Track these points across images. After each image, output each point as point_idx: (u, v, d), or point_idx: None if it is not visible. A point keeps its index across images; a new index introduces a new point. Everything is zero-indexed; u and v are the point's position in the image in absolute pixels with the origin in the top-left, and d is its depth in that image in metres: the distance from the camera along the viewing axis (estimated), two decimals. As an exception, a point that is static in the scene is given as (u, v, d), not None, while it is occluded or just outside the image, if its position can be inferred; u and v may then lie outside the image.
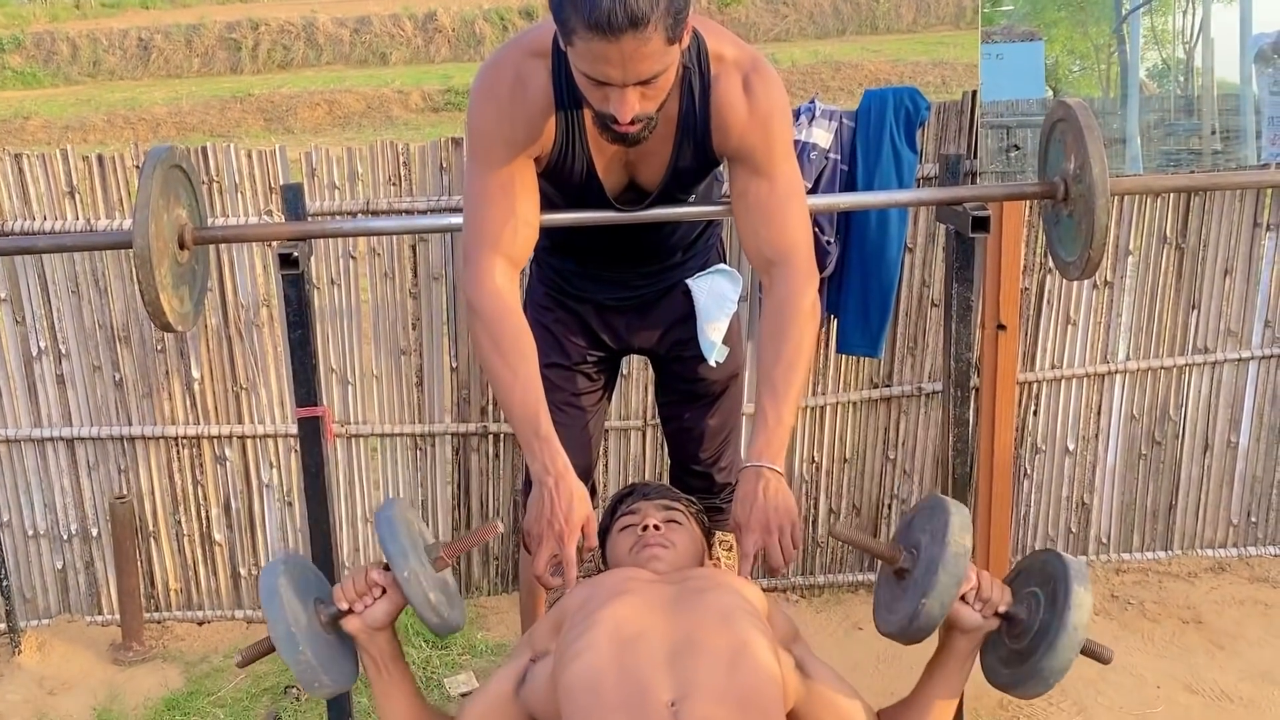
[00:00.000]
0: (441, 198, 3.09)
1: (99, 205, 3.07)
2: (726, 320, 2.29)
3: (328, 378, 3.24)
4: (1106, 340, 3.40)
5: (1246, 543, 3.61)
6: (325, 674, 1.59)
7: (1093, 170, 1.97)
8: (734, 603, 1.64)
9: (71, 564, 3.38)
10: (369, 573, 1.66)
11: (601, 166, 2.02)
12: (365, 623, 1.64)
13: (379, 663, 1.67)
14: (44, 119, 13.87)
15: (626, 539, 1.94)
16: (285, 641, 1.57)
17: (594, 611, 1.62)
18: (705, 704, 1.45)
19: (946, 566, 1.58)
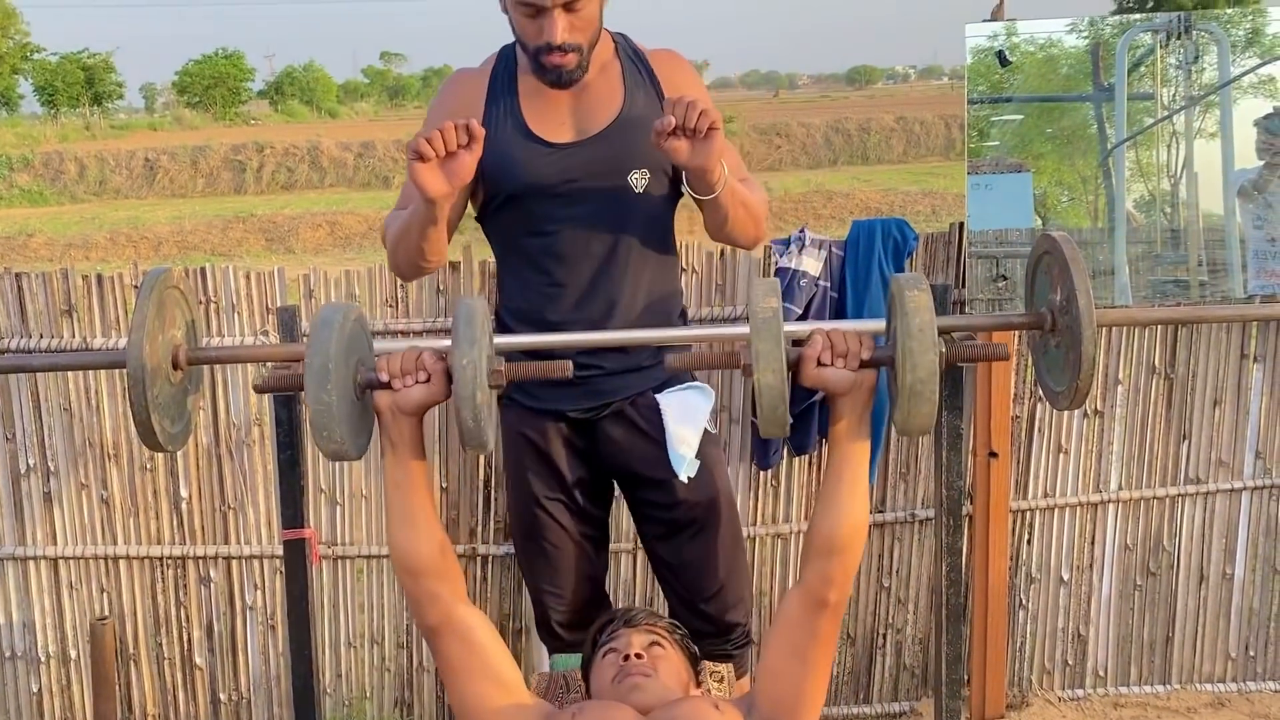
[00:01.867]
0: (437, 319, 3.12)
1: (96, 324, 3.09)
2: (697, 434, 2.25)
3: (316, 498, 3.22)
4: (1099, 469, 3.40)
5: (1246, 677, 3.54)
6: (339, 426, 1.53)
7: (1079, 303, 1.99)
8: None
9: (48, 687, 3.30)
10: (421, 354, 1.61)
11: (535, 124, 2.18)
12: (396, 402, 1.60)
13: (398, 447, 1.63)
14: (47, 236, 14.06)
15: (609, 668, 1.92)
16: (319, 374, 1.51)
17: None
18: None
19: (759, 333, 1.56)
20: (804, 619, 1.73)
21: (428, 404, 1.67)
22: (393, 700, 3.37)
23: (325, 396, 1.55)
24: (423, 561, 1.69)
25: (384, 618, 3.33)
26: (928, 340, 1.58)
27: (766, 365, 1.59)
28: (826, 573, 1.71)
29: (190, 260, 11.95)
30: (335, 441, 1.58)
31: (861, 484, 1.73)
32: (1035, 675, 3.51)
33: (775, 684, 1.74)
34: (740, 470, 3.28)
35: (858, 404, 1.71)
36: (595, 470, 2.37)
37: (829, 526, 1.71)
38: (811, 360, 1.68)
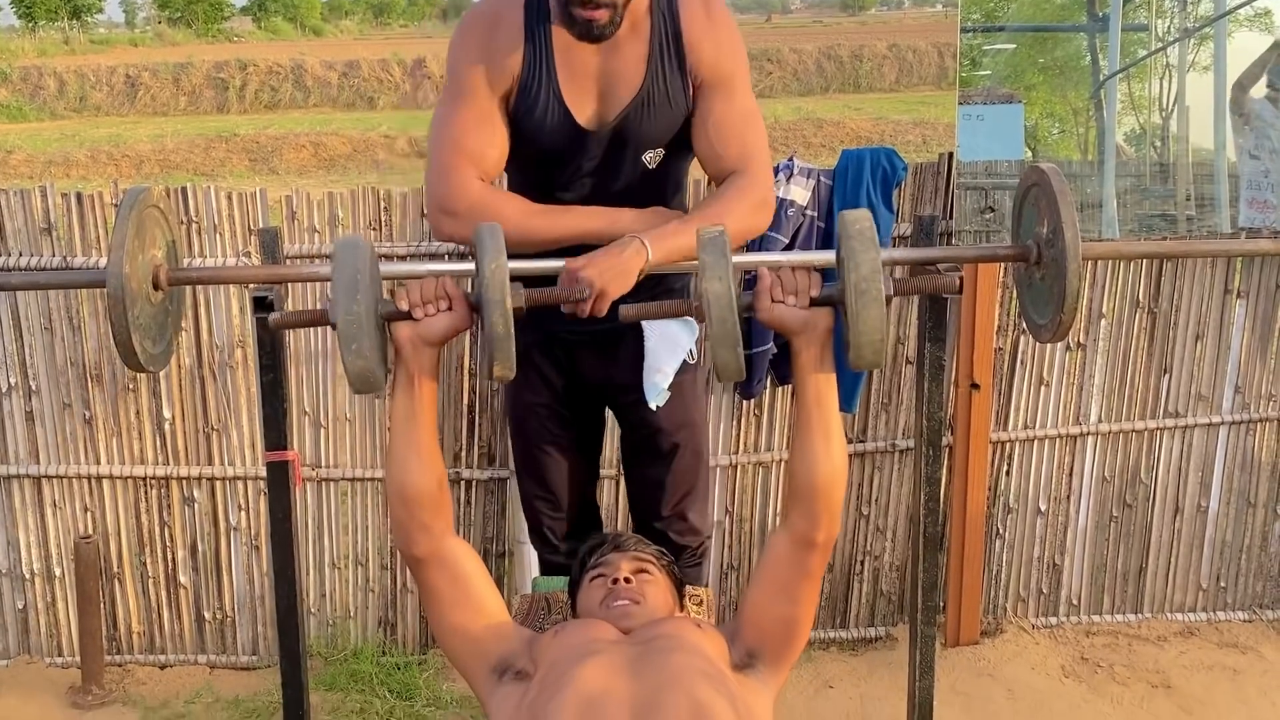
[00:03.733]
0: (421, 244, 3.10)
1: (76, 243, 3.06)
2: (675, 364, 2.31)
3: (300, 421, 3.22)
4: (1079, 402, 3.42)
5: (1216, 607, 3.61)
6: (368, 340, 1.54)
7: (1065, 237, 1.99)
8: (697, 665, 1.64)
9: (33, 604, 3.32)
10: (442, 281, 1.62)
11: (569, 93, 2.10)
12: (419, 332, 1.61)
13: (416, 379, 1.63)
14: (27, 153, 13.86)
15: (597, 591, 1.94)
16: (348, 287, 1.51)
17: (562, 674, 1.63)
18: None
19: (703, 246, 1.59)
20: (792, 558, 1.74)
21: (452, 332, 1.66)
22: (376, 620, 3.41)
23: (355, 308, 1.54)
24: (422, 493, 1.70)
25: (368, 539, 3.35)
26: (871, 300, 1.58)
27: (713, 274, 1.58)
28: (811, 513, 1.72)
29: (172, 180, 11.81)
30: (364, 357, 1.56)
31: (833, 423, 1.73)
32: (1010, 603, 3.56)
33: (762, 618, 1.76)
34: (724, 399, 3.29)
35: (814, 343, 1.71)
36: (580, 384, 2.41)
37: (805, 470, 1.72)
38: (764, 295, 1.68)
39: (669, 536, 2.46)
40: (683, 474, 2.45)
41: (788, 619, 1.75)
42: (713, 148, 2.14)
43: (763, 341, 3.08)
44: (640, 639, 1.75)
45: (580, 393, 2.43)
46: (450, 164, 2.06)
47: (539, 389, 2.42)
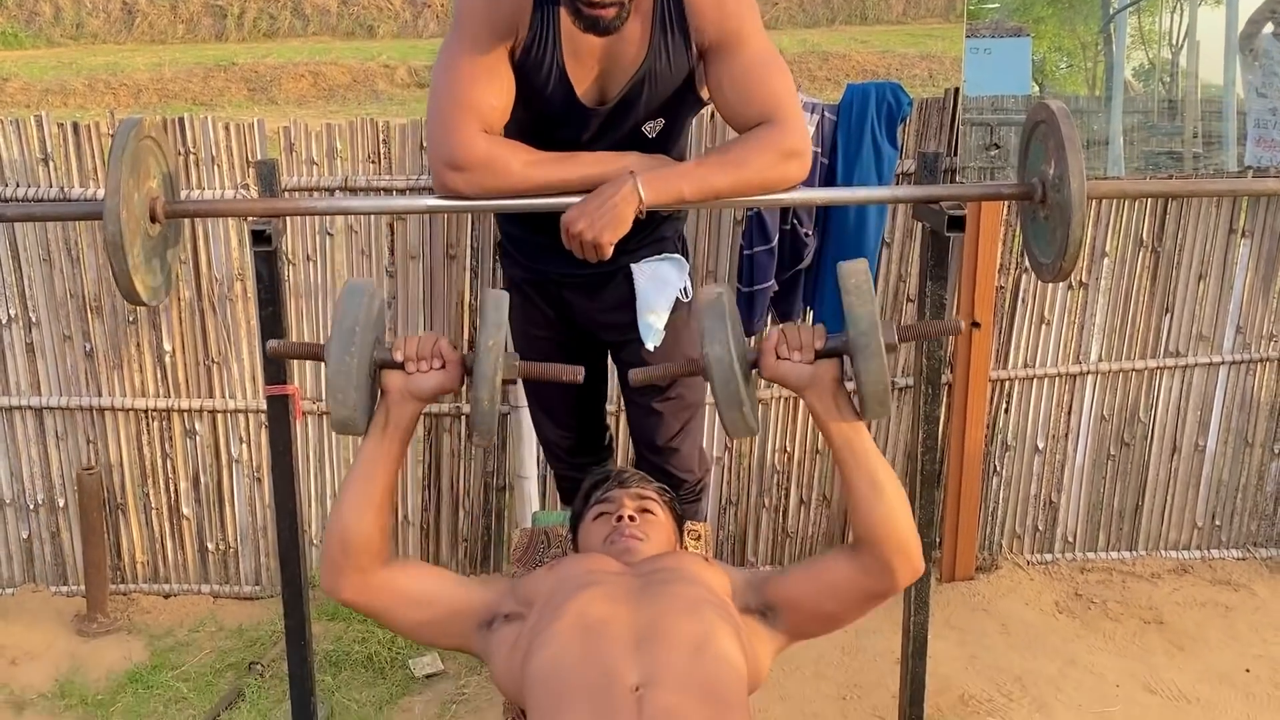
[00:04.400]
0: (420, 177, 3.07)
1: (73, 173, 3.04)
2: (668, 305, 2.29)
3: (301, 354, 3.22)
4: (1079, 341, 3.42)
5: (1210, 545, 3.64)
6: (355, 391, 1.57)
7: (1070, 176, 1.97)
8: (699, 594, 1.65)
9: (37, 533, 3.36)
10: (438, 341, 1.63)
11: (573, 70, 2.05)
12: (408, 385, 1.62)
13: (390, 429, 1.63)
14: (23, 81, 13.70)
15: (601, 528, 1.95)
16: (345, 337, 1.54)
17: (562, 602, 1.63)
18: (669, 691, 1.46)
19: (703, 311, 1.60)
20: (863, 590, 1.67)
21: (440, 390, 1.65)
22: (378, 552, 3.44)
23: (348, 359, 1.56)
24: (365, 542, 1.64)
25: (369, 473, 3.37)
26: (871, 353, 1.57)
27: (713, 338, 1.58)
28: (884, 560, 1.63)
29: (171, 109, 11.69)
30: (348, 406, 1.59)
31: (873, 466, 1.64)
32: (1005, 540, 3.59)
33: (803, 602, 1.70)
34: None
35: (826, 396, 1.65)
36: (573, 323, 2.41)
37: (863, 522, 1.64)
38: (769, 353, 1.65)
39: (667, 470, 2.48)
40: (679, 409, 2.46)
41: (830, 616, 1.71)
42: (735, 107, 2.05)
43: (764, 278, 3.07)
44: (642, 571, 1.76)
45: (576, 328, 2.43)
46: (454, 118, 2.00)
47: (539, 322, 2.42)
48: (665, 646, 1.53)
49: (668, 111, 2.14)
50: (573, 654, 1.54)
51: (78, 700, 2.91)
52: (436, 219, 3.14)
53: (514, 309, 2.47)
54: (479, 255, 3.19)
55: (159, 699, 2.93)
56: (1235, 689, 2.98)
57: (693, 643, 1.55)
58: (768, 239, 3.02)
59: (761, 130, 2.01)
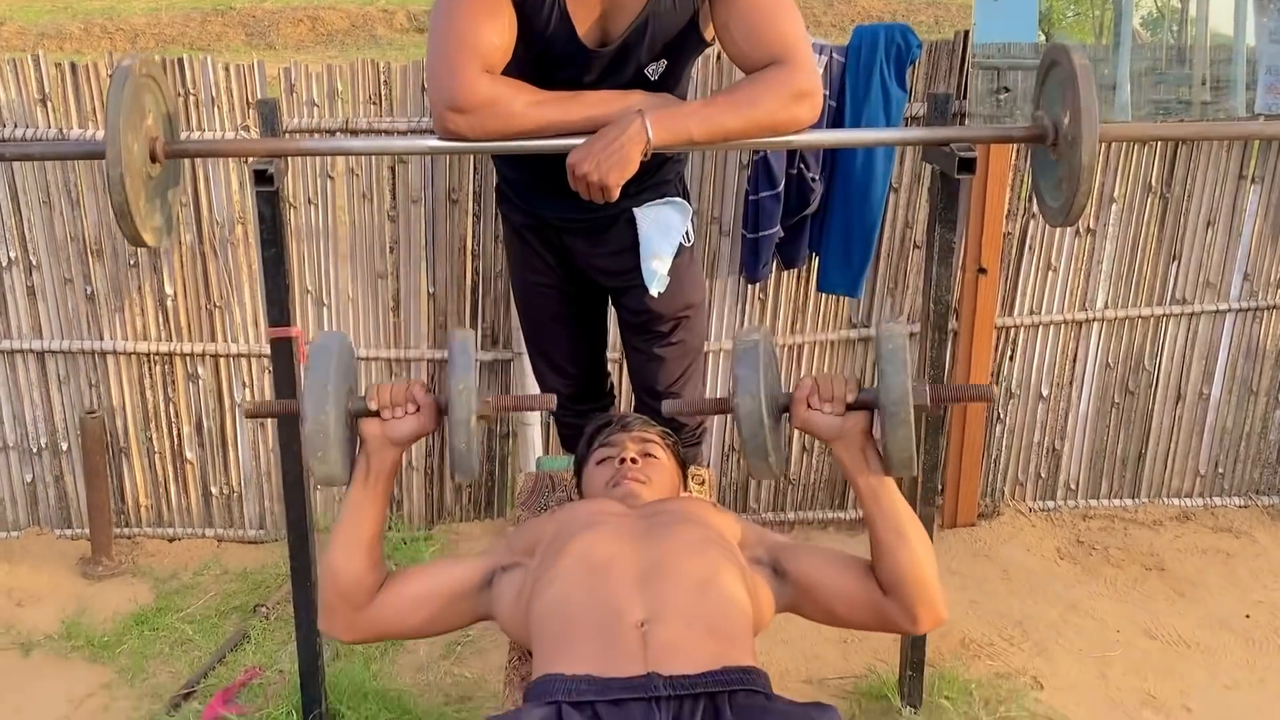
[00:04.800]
0: (421, 119, 3.04)
1: (72, 114, 3.00)
2: (671, 250, 2.27)
3: (302, 299, 3.21)
4: (1086, 288, 3.40)
5: (1212, 493, 3.65)
6: (333, 448, 1.57)
7: (1083, 118, 1.95)
8: (704, 535, 1.65)
9: (41, 477, 3.36)
10: (411, 386, 1.63)
11: (574, 10, 2.02)
12: (385, 432, 1.62)
13: (372, 476, 1.64)
14: (18, 25, 13.55)
15: (604, 472, 1.95)
16: (317, 396, 1.55)
17: (565, 543, 1.64)
18: (674, 626, 1.47)
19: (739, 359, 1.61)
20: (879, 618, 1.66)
21: (418, 434, 1.64)
22: (381, 497, 3.45)
23: (323, 418, 1.56)
24: (359, 587, 1.65)
25: (372, 418, 3.37)
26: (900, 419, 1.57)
27: (745, 389, 1.59)
28: (908, 605, 1.62)
29: (168, 53, 11.57)
30: (328, 464, 1.59)
31: (903, 520, 1.63)
32: (1008, 487, 3.60)
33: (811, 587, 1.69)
34: (728, 283, 3.27)
35: (853, 446, 1.64)
36: (574, 268, 2.39)
37: (889, 571, 1.63)
38: (800, 403, 1.64)
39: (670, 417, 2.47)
40: (681, 354, 2.45)
41: (832, 615, 1.70)
42: (744, 49, 2.00)
43: (769, 224, 3.04)
44: (647, 513, 1.76)
45: (577, 273, 2.41)
46: (456, 59, 1.96)
47: (539, 268, 2.40)
48: (670, 583, 1.54)
49: (671, 53, 2.11)
50: (578, 592, 1.54)
51: (84, 641, 2.92)
52: (438, 162, 3.11)
53: (513, 256, 2.46)
54: (481, 199, 3.16)
55: (164, 641, 2.94)
56: (1235, 634, 3.00)
57: (698, 580, 1.55)
58: (774, 184, 2.99)
59: (772, 71, 1.97)
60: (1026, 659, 2.88)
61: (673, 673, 1.40)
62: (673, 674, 1.40)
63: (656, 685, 1.38)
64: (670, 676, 1.39)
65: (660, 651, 1.43)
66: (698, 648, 1.44)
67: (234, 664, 2.85)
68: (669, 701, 1.37)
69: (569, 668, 1.43)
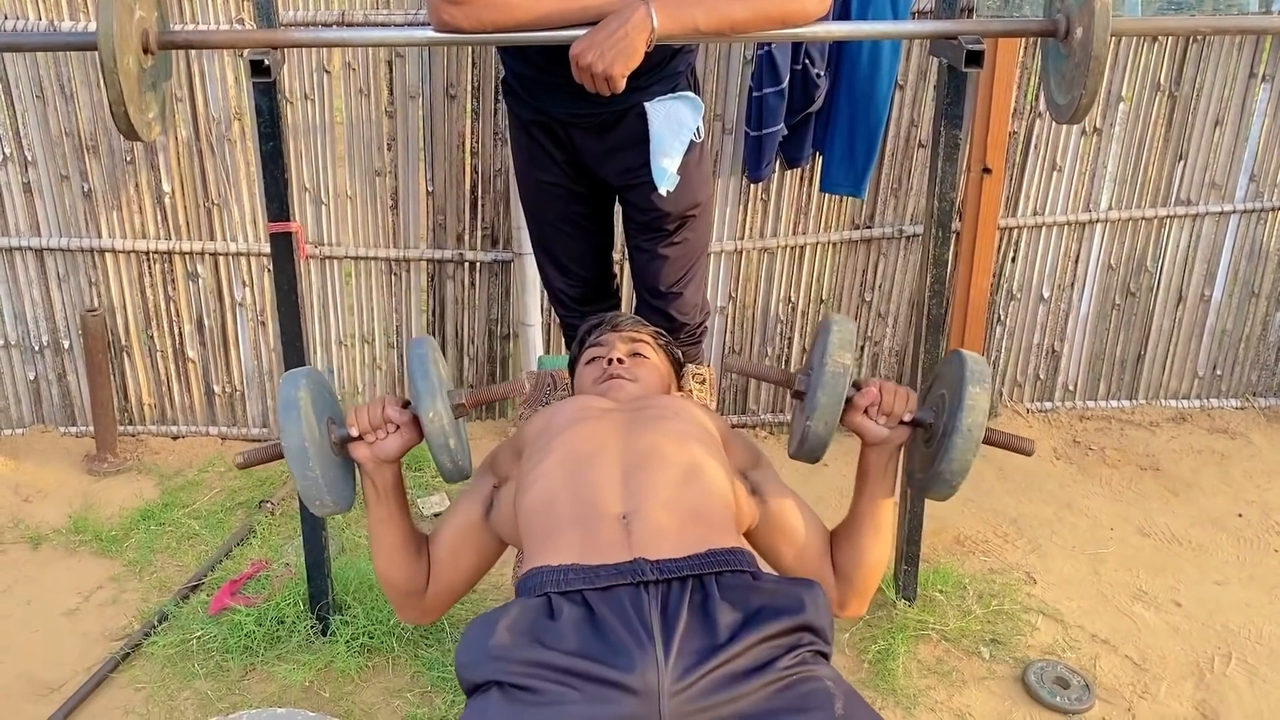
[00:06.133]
0: (418, 12, 2.98)
1: (63, 7, 2.94)
2: (681, 148, 2.23)
3: (300, 197, 3.18)
4: (1090, 189, 3.37)
5: (1210, 395, 3.67)
6: (329, 493, 1.59)
7: (1095, 9, 1.91)
8: (688, 429, 1.66)
9: (44, 375, 3.37)
10: (385, 408, 1.64)
11: None
12: (374, 454, 1.65)
13: (380, 492, 1.66)
14: (4, -83, 13.16)
15: (593, 370, 1.95)
16: (297, 455, 1.56)
17: (550, 439, 1.65)
18: (658, 514, 1.48)
19: (824, 387, 1.59)
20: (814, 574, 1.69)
21: (404, 449, 1.64)
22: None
23: (310, 474, 1.55)
24: (412, 584, 1.69)
25: (373, 318, 3.37)
26: (972, 447, 1.55)
27: (821, 417, 1.58)
28: (845, 589, 1.69)
29: (158, -52, 11.28)
30: (329, 506, 1.60)
31: (885, 523, 1.68)
32: (1006, 388, 3.62)
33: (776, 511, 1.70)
34: (730, 183, 3.24)
35: (885, 456, 1.66)
36: (581, 165, 2.36)
37: (851, 562, 1.67)
38: (858, 410, 1.64)
39: (669, 313, 2.47)
40: (685, 254, 2.43)
41: (779, 560, 1.72)
42: None
43: (773, 122, 3.00)
44: (633, 407, 1.76)
45: (585, 172, 2.38)
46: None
47: (546, 166, 2.37)
48: (654, 474, 1.55)
49: None
50: (562, 487, 1.56)
51: (91, 536, 2.97)
52: (435, 58, 3.06)
53: (519, 153, 2.42)
54: (480, 95, 3.11)
55: (171, 535, 2.99)
56: (1227, 533, 3.04)
57: (681, 472, 1.56)
58: (778, 80, 2.94)
59: None
60: (1020, 555, 2.93)
61: (659, 557, 1.42)
62: (659, 558, 1.41)
63: (643, 570, 1.39)
64: (656, 560, 1.41)
65: (645, 538, 1.44)
66: (682, 533, 1.46)
67: (240, 558, 2.90)
68: (656, 585, 1.39)
69: (556, 559, 1.45)
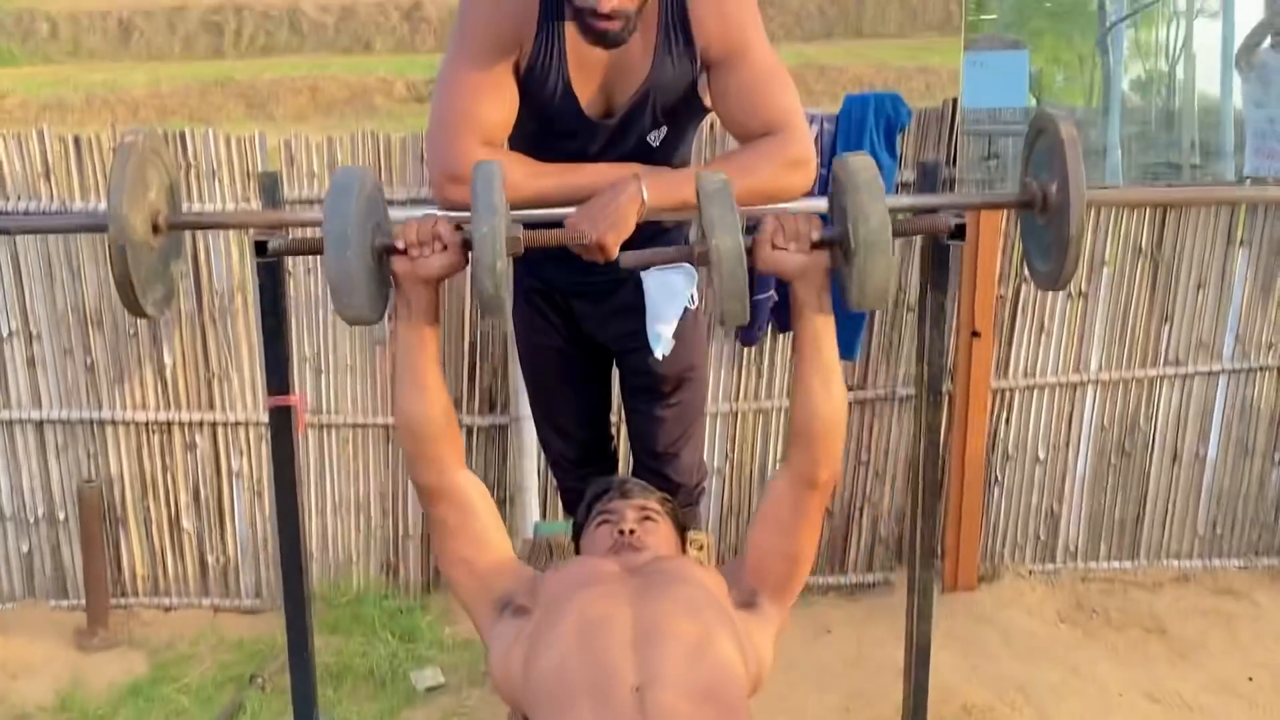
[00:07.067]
0: (421, 189, 3.08)
1: (74, 187, 3.04)
2: (676, 315, 2.29)
3: (301, 367, 3.22)
4: (1080, 350, 3.42)
5: (1212, 554, 3.64)
6: (358, 290, 1.55)
7: (1071, 185, 1.98)
8: (698, 596, 1.66)
9: (37, 547, 3.35)
10: (437, 224, 1.64)
11: (578, 84, 2.04)
12: (415, 269, 1.62)
13: (414, 312, 1.65)
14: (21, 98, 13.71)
15: (603, 539, 1.95)
16: (337, 240, 1.51)
17: (562, 604, 1.64)
18: (669, 692, 1.47)
19: (709, 200, 1.58)
20: (792, 498, 1.76)
21: (446, 273, 1.67)
22: (379, 565, 3.44)
23: (344, 262, 1.54)
24: (428, 425, 1.70)
25: (369, 485, 3.37)
26: (878, 248, 1.58)
27: (723, 228, 1.58)
28: (811, 455, 1.73)
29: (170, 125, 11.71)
30: (353, 307, 1.59)
31: (831, 366, 1.74)
32: (1007, 550, 3.59)
33: (764, 557, 1.78)
34: (724, 346, 3.29)
35: (812, 286, 1.71)
36: (581, 332, 2.42)
37: (805, 413, 1.73)
38: (765, 244, 1.68)
39: (666, 475, 2.48)
40: (681, 415, 2.46)
41: (788, 556, 1.76)
42: (740, 119, 2.04)
43: (764, 288, 3.07)
44: (641, 573, 1.76)
45: (584, 338, 2.43)
46: (455, 130, 1.99)
47: (547, 331, 2.42)
48: (665, 647, 1.54)
49: (672, 120, 2.14)
50: (574, 656, 1.55)
51: (78, 714, 2.90)
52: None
53: (521, 320, 2.48)
54: (479, 267, 3.19)
55: (160, 712, 2.92)
56: (1238, 697, 2.98)
57: (693, 644, 1.56)
58: (768, 249, 3.02)
59: (767, 139, 2.01)
60: (1029, 724, 2.86)
61: None
62: None
63: None
64: None
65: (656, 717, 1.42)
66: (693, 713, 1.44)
67: (229, 736, 2.82)
68: None
69: None
